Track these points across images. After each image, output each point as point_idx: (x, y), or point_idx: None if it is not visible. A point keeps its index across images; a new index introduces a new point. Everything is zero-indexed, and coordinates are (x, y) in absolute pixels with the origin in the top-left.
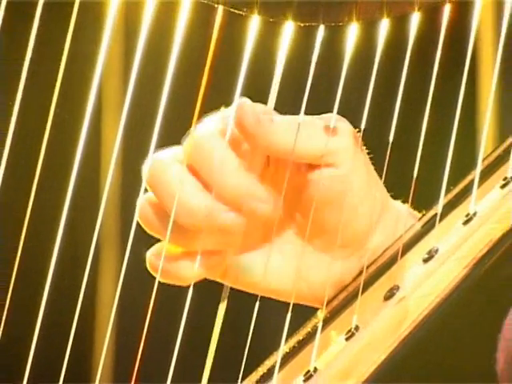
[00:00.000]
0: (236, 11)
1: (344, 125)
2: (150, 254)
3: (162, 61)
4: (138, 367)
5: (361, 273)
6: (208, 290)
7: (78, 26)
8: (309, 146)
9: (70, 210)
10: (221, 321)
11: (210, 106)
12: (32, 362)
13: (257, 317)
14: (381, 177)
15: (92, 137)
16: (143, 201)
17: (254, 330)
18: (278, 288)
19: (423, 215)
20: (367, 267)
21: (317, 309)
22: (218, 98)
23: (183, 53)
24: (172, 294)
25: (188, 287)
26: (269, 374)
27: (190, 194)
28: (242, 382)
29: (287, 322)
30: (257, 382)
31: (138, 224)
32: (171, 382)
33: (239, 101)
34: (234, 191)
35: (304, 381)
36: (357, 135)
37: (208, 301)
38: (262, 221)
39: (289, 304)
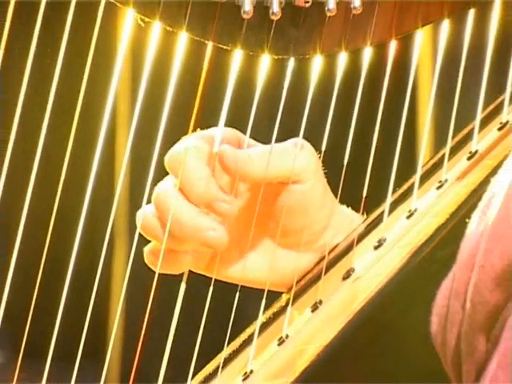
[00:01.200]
0: (222, 46)
1: (307, 148)
2: (146, 250)
3: (164, 81)
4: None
5: (323, 259)
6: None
7: (97, 53)
8: (279, 171)
9: (89, 209)
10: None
11: (201, 124)
12: (56, 340)
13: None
14: (337, 185)
15: (106, 151)
16: (144, 212)
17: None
18: (253, 279)
19: (368, 215)
20: (328, 253)
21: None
22: (208, 115)
23: (181, 78)
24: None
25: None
26: (249, 339)
27: (180, 210)
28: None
29: (263, 303)
30: (240, 345)
31: None
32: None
33: (221, 147)
34: (203, 196)
35: (278, 344)
36: (316, 156)
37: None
38: (228, 221)
39: (260, 290)
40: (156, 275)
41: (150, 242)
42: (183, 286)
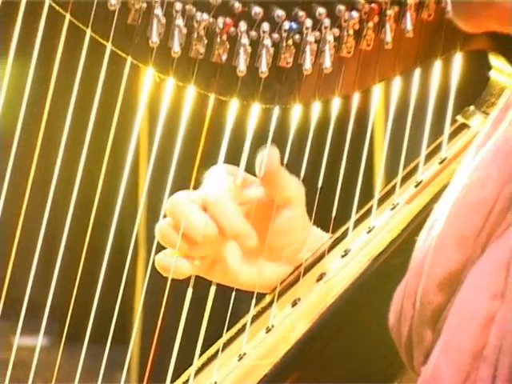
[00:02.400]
0: (222, 98)
1: (296, 182)
2: (158, 257)
3: (175, 123)
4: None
5: (301, 265)
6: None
7: (125, 100)
8: (281, 195)
9: (118, 223)
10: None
11: (205, 158)
12: (91, 327)
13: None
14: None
15: (131, 178)
16: (162, 224)
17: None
18: (245, 282)
19: (336, 232)
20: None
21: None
22: (210, 150)
23: (190, 122)
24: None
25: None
26: (243, 328)
27: (196, 218)
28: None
29: (253, 301)
30: (235, 333)
31: None
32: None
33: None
34: (233, 230)
35: (266, 332)
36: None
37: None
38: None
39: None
40: (169, 279)
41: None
42: (190, 291)
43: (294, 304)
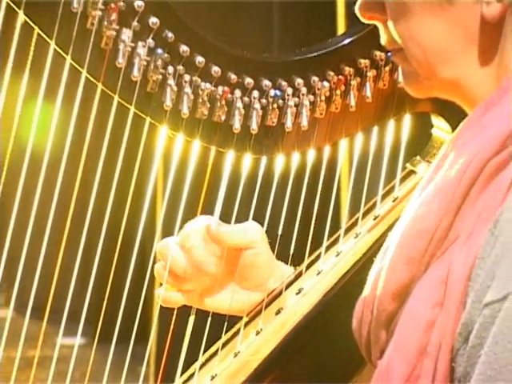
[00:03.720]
0: (221, 149)
1: (257, 227)
2: (157, 291)
3: (184, 169)
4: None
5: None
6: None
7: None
8: (241, 241)
9: (140, 247)
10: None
11: (209, 197)
12: (118, 329)
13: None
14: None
15: (150, 214)
16: (156, 265)
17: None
18: (222, 308)
19: (300, 268)
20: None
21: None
22: (212, 190)
23: (196, 168)
24: None
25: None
26: (236, 333)
27: (176, 257)
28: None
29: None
30: (234, 333)
31: None
32: None
33: (210, 228)
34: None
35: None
36: (263, 232)
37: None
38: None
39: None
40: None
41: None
42: (192, 318)
43: (258, 333)
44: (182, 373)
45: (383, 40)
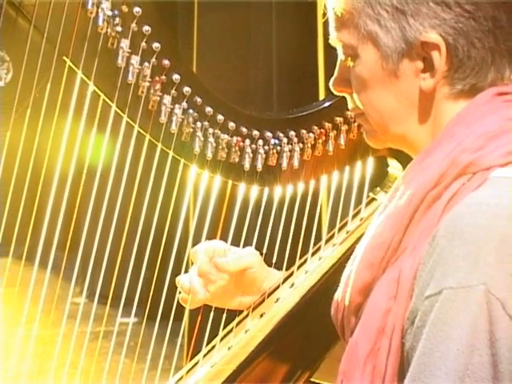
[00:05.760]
0: (234, 182)
1: (250, 252)
2: (179, 296)
3: (208, 196)
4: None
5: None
6: None
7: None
8: (241, 264)
9: (178, 256)
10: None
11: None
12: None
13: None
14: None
15: (183, 232)
16: (179, 279)
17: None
18: (232, 305)
19: (292, 269)
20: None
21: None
22: (229, 213)
23: (217, 198)
24: None
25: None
26: (247, 315)
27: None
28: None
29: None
30: (245, 316)
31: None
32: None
33: (216, 262)
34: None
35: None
36: (258, 255)
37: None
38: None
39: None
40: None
41: None
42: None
43: (262, 315)
44: (208, 343)
45: (350, 106)
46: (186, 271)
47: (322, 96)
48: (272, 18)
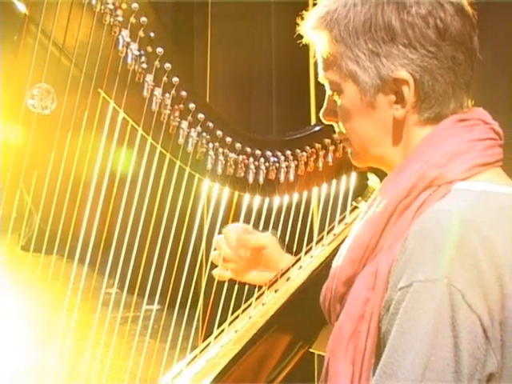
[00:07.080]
0: (240, 193)
1: (267, 235)
2: (213, 271)
3: (218, 207)
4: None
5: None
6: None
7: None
8: (257, 243)
9: (194, 244)
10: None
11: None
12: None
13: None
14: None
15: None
16: (212, 254)
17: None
18: (253, 281)
19: (299, 256)
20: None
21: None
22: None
23: (226, 207)
24: None
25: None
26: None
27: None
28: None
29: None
30: (250, 303)
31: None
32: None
33: (241, 237)
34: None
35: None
36: (274, 238)
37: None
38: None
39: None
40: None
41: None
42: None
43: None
44: (218, 326)
45: (337, 131)
46: (201, 267)
47: (313, 121)
48: (272, 58)
